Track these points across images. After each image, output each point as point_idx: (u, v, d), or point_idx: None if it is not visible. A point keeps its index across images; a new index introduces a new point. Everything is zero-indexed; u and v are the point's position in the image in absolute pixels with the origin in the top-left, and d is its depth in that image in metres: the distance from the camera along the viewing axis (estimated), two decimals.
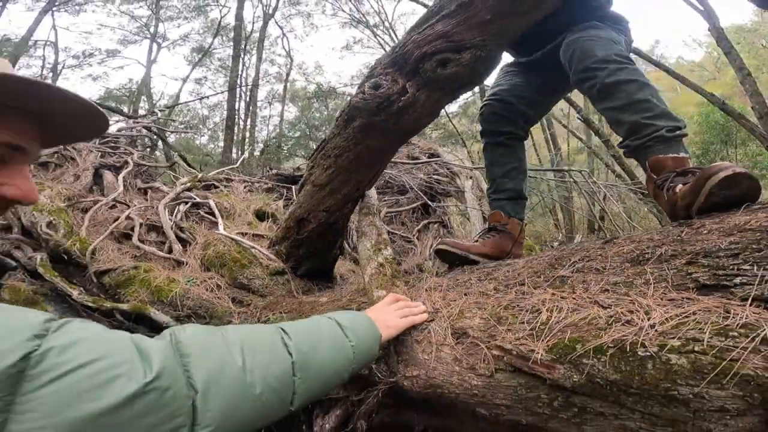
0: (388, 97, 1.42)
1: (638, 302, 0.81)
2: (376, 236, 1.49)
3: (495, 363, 0.87)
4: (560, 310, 0.88)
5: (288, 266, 2.04)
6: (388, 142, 1.59)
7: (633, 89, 1.41)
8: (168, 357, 0.58)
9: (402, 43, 1.54)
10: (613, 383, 0.71)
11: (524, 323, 0.90)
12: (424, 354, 1.00)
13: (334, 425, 1.33)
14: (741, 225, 0.88)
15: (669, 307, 0.76)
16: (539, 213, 10.87)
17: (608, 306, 0.84)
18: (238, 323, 1.77)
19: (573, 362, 0.75)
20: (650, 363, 0.68)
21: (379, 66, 1.57)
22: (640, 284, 0.88)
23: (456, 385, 0.91)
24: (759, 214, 0.91)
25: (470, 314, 1.04)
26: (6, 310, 0.51)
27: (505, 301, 1.03)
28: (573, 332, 0.80)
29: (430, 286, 1.25)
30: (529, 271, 1.18)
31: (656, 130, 1.37)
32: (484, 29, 1.45)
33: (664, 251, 0.94)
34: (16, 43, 12.18)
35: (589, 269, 1.05)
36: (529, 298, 1.00)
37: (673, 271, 0.87)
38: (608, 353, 0.72)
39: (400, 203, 4.05)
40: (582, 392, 0.75)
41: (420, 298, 1.19)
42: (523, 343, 0.83)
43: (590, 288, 0.95)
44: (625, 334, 0.74)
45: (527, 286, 1.09)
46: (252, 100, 15.83)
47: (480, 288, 1.18)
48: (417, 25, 1.54)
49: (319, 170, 1.72)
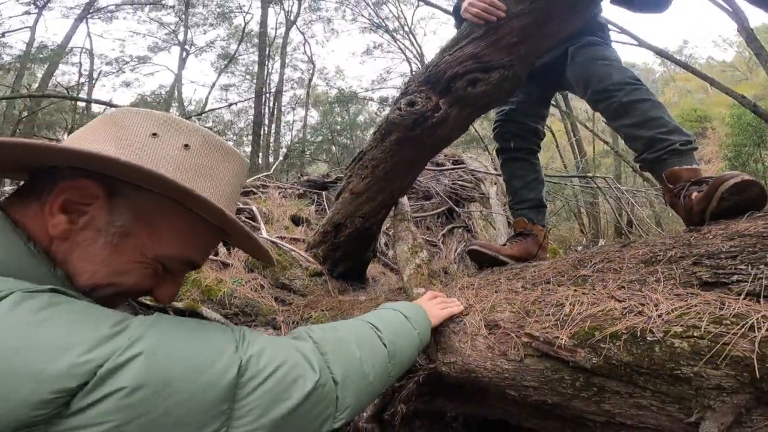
0: (422, 114, 1.59)
1: (649, 297, 0.96)
2: (412, 240, 1.66)
3: (524, 349, 1.02)
4: (581, 304, 1.03)
5: (325, 268, 2.22)
6: (422, 154, 1.77)
7: (647, 107, 1.58)
8: (319, 357, 0.71)
9: (435, 63, 1.71)
10: (627, 364, 0.86)
11: (549, 315, 1.05)
12: (460, 343, 1.15)
13: (372, 413, 1.50)
14: (741, 231, 1.01)
15: (675, 301, 0.91)
16: (564, 217, 10.88)
17: (623, 300, 0.98)
18: (282, 320, 1.96)
19: (592, 346, 0.90)
20: (657, 346, 0.83)
21: (413, 83, 1.74)
22: (651, 282, 1.03)
23: (489, 370, 1.07)
24: (758, 221, 1.04)
25: (501, 308, 1.19)
26: (205, 326, 0.61)
27: (533, 297, 1.18)
28: (592, 322, 0.95)
29: (464, 285, 1.41)
30: (554, 271, 1.33)
31: (671, 144, 1.52)
32: (511, 50, 1.61)
33: (674, 253, 1.08)
34: (54, 50, 12.79)
35: (608, 269, 1.19)
36: (554, 294, 1.15)
37: (681, 271, 1.01)
38: (622, 338, 0.87)
39: (425, 208, 4.20)
40: (600, 373, 0.90)
41: (455, 295, 1.35)
42: (549, 331, 0.99)
43: (608, 285, 1.10)
44: (636, 322, 0.88)
45: (552, 284, 1.24)
46: (277, 106, 16.23)
47: (509, 286, 1.33)
48: (448, 47, 1.71)
49: (357, 179, 1.90)
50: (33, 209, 0.61)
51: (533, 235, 1.88)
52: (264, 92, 13.59)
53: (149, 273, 0.65)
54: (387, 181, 1.82)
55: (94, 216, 0.61)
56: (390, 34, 17.64)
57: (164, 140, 0.66)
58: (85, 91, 15.47)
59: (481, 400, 1.22)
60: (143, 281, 0.66)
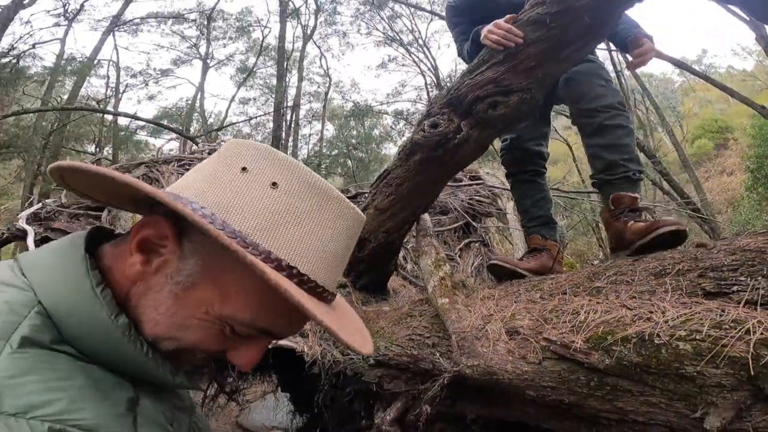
0: (445, 135, 1.72)
1: (657, 305, 1.07)
2: (435, 254, 1.78)
3: (542, 353, 1.13)
4: (595, 312, 1.15)
5: (349, 280, 2.35)
6: (444, 173, 1.90)
7: (621, 133, 1.81)
8: None
9: (456, 86, 1.85)
10: (637, 365, 0.97)
11: (566, 322, 1.17)
12: (482, 348, 1.27)
13: (395, 416, 1.60)
14: (742, 247, 1.12)
15: (680, 308, 1.02)
16: (581, 232, 10.87)
17: (633, 308, 1.10)
18: (309, 329, 2.08)
19: (605, 349, 1.01)
20: (663, 348, 0.94)
21: (436, 105, 1.88)
22: (660, 292, 1.14)
23: (510, 372, 1.18)
24: (759, 238, 1.15)
25: (520, 317, 1.31)
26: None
27: (550, 306, 1.29)
28: (605, 327, 1.06)
29: (485, 296, 1.52)
30: (570, 283, 1.44)
31: (627, 171, 1.77)
32: (529, 75, 1.74)
33: (682, 267, 1.19)
34: (83, 63, 13.32)
35: (621, 281, 1.30)
36: (570, 304, 1.26)
37: (687, 282, 1.12)
38: (632, 342, 0.98)
39: (443, 223, 4.32)
40: (613, 373, 1.00)
41: (476, 305, 1.46)
42: (565, 336, 1.10)
43: (620, 295, 1.21)
44: (645, 327, 0.99)
45: (569, 294, 1.36)
46: (295, 120, 16.60)
47: (528, 297, 1.44)
48: (469, 71, 1.85)
49: (381, 197, 2.03)
50: (122, 248, 0.59)
51: (547, 250, 2.01)
52: (283, 107, 13.97)
53: (215, 332, 0.58)
54: (410, 199, 1.95)
55: (167, 260, 0.57)
56: (404, 48, 17.98)
57: (252, 175, 0.58)
58: (112, 104, 16.10)
59: (502, 402, 1.32)
60: (208, 340, 0.58)
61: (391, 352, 1.60)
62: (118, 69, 16.60)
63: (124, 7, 14.78)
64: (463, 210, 4.09)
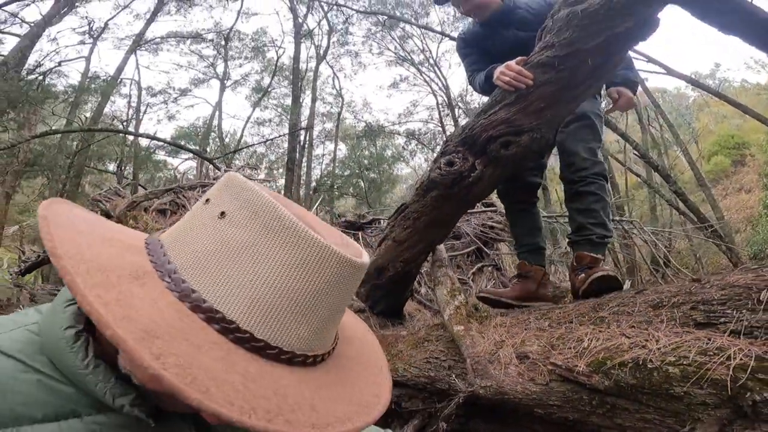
0: (460, 174, 1.89)
1: (652, 334, 1.21)
2: (450, 284, 1.94)
3: (549, 375, 1.28)
4: (598, 339, 1.29)
5: (367, 305, 2.51)
6: (459, 208, 2.08)
7: (592, 200, 2.07)
8: None
9: (471, 126, 2.01)
10: (632, 386, 1.11)
11: (571, 348, 1.31)
12: (495, 370, 1.41)
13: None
14: (732, 282, 1.26)
15: (672, 337, 1.16)
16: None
17: (631, 337, 1.24)
18: None
19: (604, 372, 1.16)
20: (655, 372, 1.08)
21: (451, 143, 2.05)
22: (656, 322, 1.28)
23: (519, 392, 1.32)
24: (748, 274, 1.29)
25: (530, 343, 1.45)
26: None
27: (557, 334, 1.44)
28: (605, 353, 1.21)
29: (497, 323, 1.67)
30: (577, 312, 1.59)
31: (591, 234, 2.03)
32: (539, 115, 1.89)
33: (677, 300, 1.33)
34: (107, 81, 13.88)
35: (622, 312, 1.45)
36: (576, 332, 1.40)
37: (681, 314, 1.26)
38: (628, 366, 1.13)
39: (456, 247, 4.47)
40: (612, 393, 1.15)
41: (489, 332, 1.61)
42: (570, 361, 1.25)
43: (621, 325, 1.35)
44: (640, 354, 1.14)
45: (575, 323, 1.50)
46: (308, 140, 16.96)
47: (537, 325, 1.59)
48: (483, 111, 2.01)
49: (399, 229, 2.20)
50: None
51: (532, 275, 2.24)
52: (297, 128, 14.36)
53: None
54: (426, 232, 2.12)
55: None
56: (416, 67, 18.39)
57: (210, 206, 0.54)
58: (133, 124, 16.69)
59: (512, 420, 1.46)
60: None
61: (409, 373, 1.75)
62: (139, 88, 17.35)
63: (146, 26, 15.47)
64: (475, 236, 4.25)
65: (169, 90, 18.40)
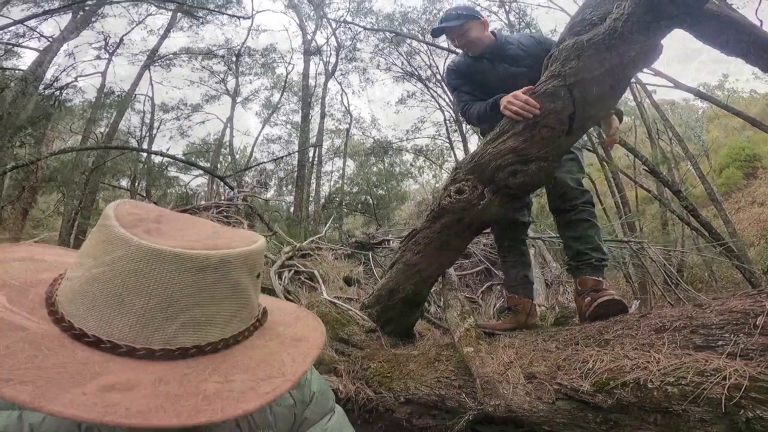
0: (469, 202, 1.98)
1: (654, 356, 1.28)
2: (460, 307, 2.03)
3: (555, 395, 1.35)
4: (602, 361, 1.36)
5: (378, 325, 2.59)
6: (468, 235, 2.17)
7: (587, 227, 2.21)
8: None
9: (479, 153, 2.09)
10: (634, 404, 1.18)
11: (576, 369, 1.39)
12: (504, 389, 1.49)
13: None
14: (731, 308, 1.34)
15: (672, 359, 1.23)
16: (611, 266, 10.79)
17: (634, 359, 1.31)
18: (343, 369, 2.31)
19: (607, 391, 1.23)
20: (656, 391, 1.16)
21: (461, 171, 2.14)
22: (658, 345, 1.36)
23: (527, 410, 1.39)
24: (746, 300, 1.36)
25: (537, 363, 1.53)
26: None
27: (564, 355, 1.51)
28: (609, 374, 1.28)
29: (506, 344, 1.75)
30: (583, 335, 1.67)
31: (590, 258, 2.15)
32: (546, 144, 1.93)
33: (678, 324, 1.41)
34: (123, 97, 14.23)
35: (626, 335, 1.52)
36: (581, 353, 1.48)
37: (681, 337, 1.34)
38: (630, 386, 1.20)
39: (464, 266, 4.54)
40: (614, 411, 1.22)
41: (498, 354, 1.69)
42: (575, 381, 1.32)
43: (625, 347, 1.43)
44: (641, 374, 1.21)
45: (580, 345, 1.58)
46: (318, 157, 17.15)
47: (544, 347, 1.67)
48: (492, 139, 2.07)
49: (410, 254, 2.29)
50: None
51: (521, 308, 2.41)
52: (306, 145, 14.59)
53: None
54: (436, 256, 2.21)
55: None
56: (423, 83, 18.59)
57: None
58: (146, 140, 17.04)
59: None
60: None
61: (420, 392, 1.82)
62: (153, 105, 17.75)
63: (160, 42, 15.89)
64: (484, 256, 4.32)
65: (182, 106, 18.85)
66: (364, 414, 1.97)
